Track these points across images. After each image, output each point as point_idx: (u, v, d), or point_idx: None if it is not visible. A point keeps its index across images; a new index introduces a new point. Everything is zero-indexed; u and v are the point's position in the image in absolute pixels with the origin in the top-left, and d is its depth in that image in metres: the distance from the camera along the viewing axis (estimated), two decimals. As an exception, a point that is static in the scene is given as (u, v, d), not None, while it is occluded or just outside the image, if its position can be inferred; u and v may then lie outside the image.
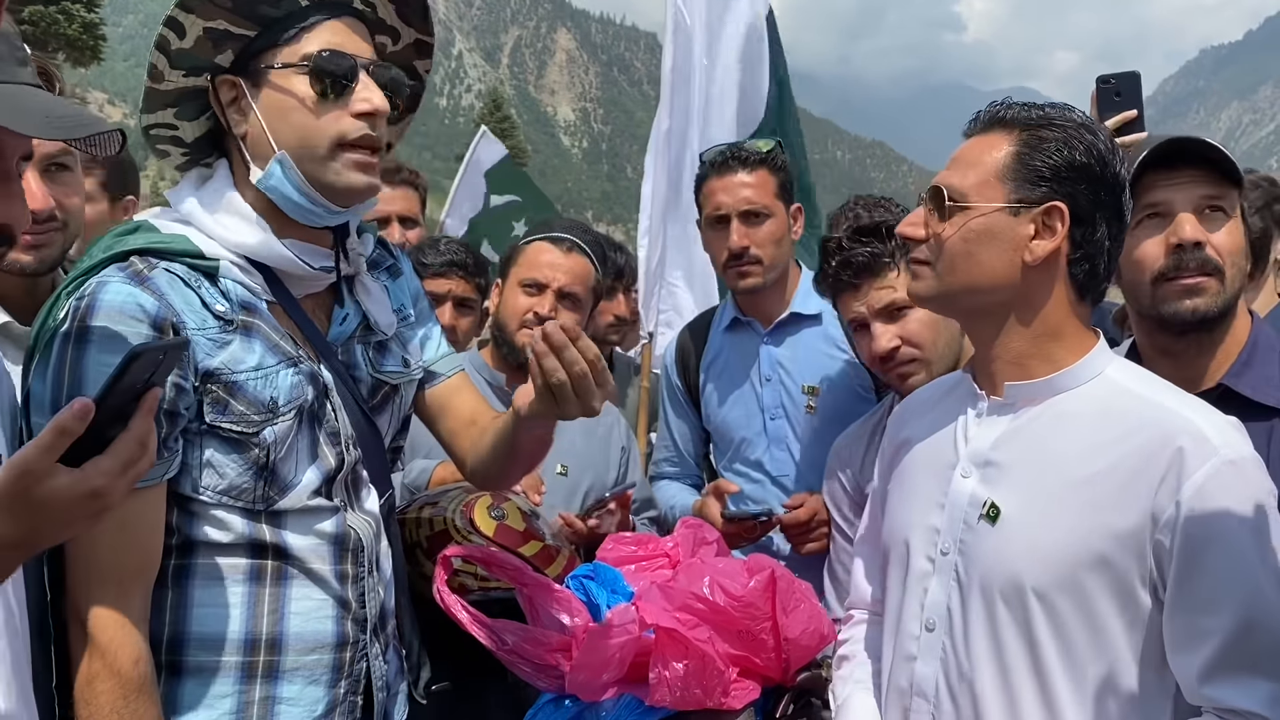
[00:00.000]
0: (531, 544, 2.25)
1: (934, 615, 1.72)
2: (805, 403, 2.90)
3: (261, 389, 1.63)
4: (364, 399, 1.82)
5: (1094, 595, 1.56)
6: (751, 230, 2.83)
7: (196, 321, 1.59)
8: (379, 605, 1.79)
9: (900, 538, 1.83)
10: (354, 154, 1.67)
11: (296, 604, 1.68)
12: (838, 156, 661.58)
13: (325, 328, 1.80)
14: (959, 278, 1.68)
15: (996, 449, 1.70)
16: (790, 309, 2.97)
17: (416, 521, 2.24)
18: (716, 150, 2.97)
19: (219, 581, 1.63)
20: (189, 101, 1.73)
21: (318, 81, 1.64)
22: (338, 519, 1.72)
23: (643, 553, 2.14)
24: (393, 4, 1.79)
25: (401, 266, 2.03)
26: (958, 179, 1.68)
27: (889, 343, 2.40)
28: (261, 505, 1.64)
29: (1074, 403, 1.66)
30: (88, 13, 31.96)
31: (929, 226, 1.71)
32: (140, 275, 1.58)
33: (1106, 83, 2.39)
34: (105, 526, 1.48)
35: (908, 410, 2.01)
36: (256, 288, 1.69)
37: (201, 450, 1.60)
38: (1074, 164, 1.62)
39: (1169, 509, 1.51)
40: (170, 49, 1.65)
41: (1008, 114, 1.70)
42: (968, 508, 1.70)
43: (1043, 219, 1.63)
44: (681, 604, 1.86)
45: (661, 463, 3.29)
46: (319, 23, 1.67)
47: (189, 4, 1.62)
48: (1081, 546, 1.56)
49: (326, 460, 1.71)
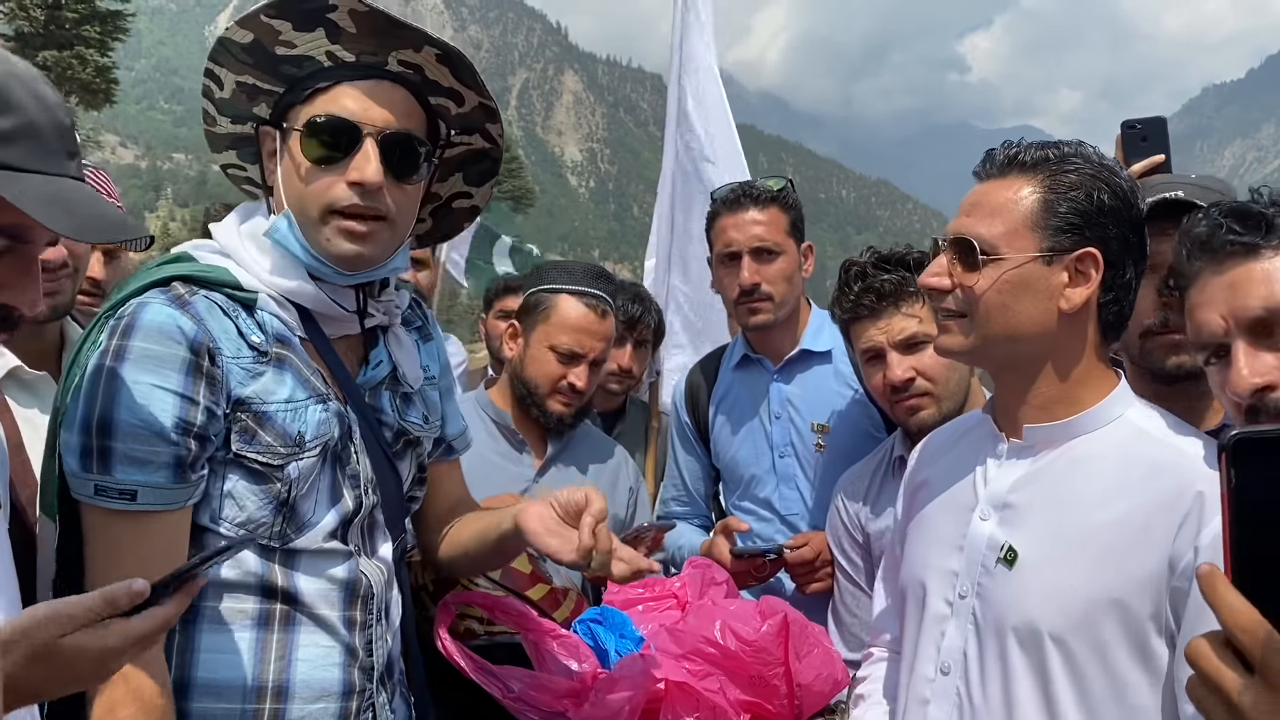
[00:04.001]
0: (539, 586, 2.21)
1: (949, 659, 1.70)
2: (815, 441, 2.88)
3: (290, 422, 1.62)
4: (388, 444, 1.81)
5: (1111, 642, 1.53)
6: (762, 267, 2.83)
7: (232, 349, 1.60)
8: (386, 653, 1.77)
9: (918, 579, 1.80)
10: (343, 222, 1.64)
11: (304, 650, 1.65)
12: (842, 195, 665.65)
13: (356, 372, 1.79)
14: (996, 330, 1.64)
15: (1015, 491, 1.68)
16: (801, 346, 2.96)
17: (423, 564, 2.21)
18: (729, 188, 2.98)
19: (227, 626, 1.61)
20: (245, 146, 1.78)
21: (314, 147, 1.63)
22: (350, 564, 1.70)
23: (650, 595, 2.11)
24: (445, 66, 1.73)
25: (432, 331, 2.04)
26: (984, 228, 1.64)
27: (904, 373, 2.38)
28: (277, 542, 1.63)
29: (1093, 446, 1.64)
30: (101, 57, 32.42)
31: (954, 277, 1.67)
32: (181, 299, 1.59)
33: (1133, 128, 2.37)
34: (127, 549, 1.50)
35: (928, 450, 1.99)
36: (292, 323, 1.69)
37: (224, 480, 1.60)
38: (1103, 207, 1.60)
39: (1187, 555, 1.48)
40: (214, 97, 1.71)
41: (1025, 156, 1.66)
42: (986, 551, 1.68)
43: (1075, 265, 1.61)
44: (692, 648, 1.82)
45: (670, 501, 3.27)
46: (335, 85, 1.65)
47: (219, 58, 1.66)
48: (1099, 592, 1.54)
49: (345, 502, 1.70)
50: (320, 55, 1.66)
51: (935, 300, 1.72)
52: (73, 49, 32.66)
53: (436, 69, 1.72)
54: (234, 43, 1.63)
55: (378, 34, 1.65)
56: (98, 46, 33.33)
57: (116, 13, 34.99)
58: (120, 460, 1.49)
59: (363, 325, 1.78)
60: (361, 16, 1.63)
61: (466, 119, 1.82)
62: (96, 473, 1.49)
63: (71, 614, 1.15)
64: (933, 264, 1.71)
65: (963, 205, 1.71)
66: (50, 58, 32.03)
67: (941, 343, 1.73)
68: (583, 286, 2.70)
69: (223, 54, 1.65)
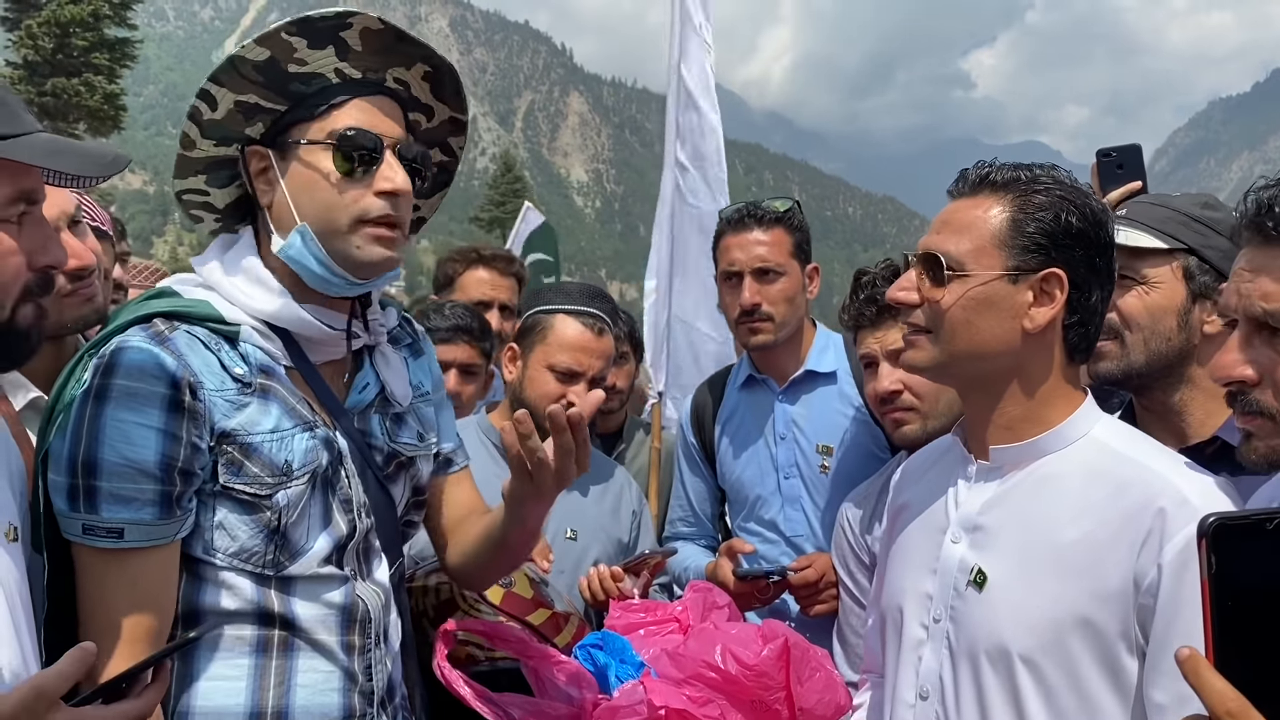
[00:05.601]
0: (540, 612, 2.20)
1: (927, 684, 1.69)
2: (819, 462, 2.86)
3: (276, 452, 1.63)
4: (379, 467, 1.81)
5: (1081, 662, 1.52)
6: (764, 287, 2.83)
7: (215, 383, 1.60)
8: (386, 677, 1.76)
9: (895, 604, 1.80)
10: (374, 229, 1.68)
11: (303, 676, 1.65)
12: (849, 212, 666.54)
13: (344, 396, 1.80)
14: (960, 346, 1.65)
15: (984, 513, 1.68)
16: (805, 367, 2.95)
17: (424, 590, 2.20)
18: (734, 208, 2.99)
19: (225, 653, 1.62)
20: (220, 169, 1.77)
21: (343, 159, 1.66)
22: (347, 589, 1.70)
23: (651, 618, 2.09)
24: (427, 83, 1.81)
25: (424, 348, 2.05)
26: (952, 245, 1.65)
27: (891, 385, 2.40)
28: (271, 570, 1.63)
29: (1060, 465, 1.64)
30: (109, 84, 32.61)
31: (922, 291, 1.68)
32: (161, 336, 1.60)
33: (1108, 155, 2.38)
34: (117, 586, 1.51)
35: (907, 473, 1.99)
36: (276, 353, 1.70)
37: (214, 512, 1.61)
38: (1070, 229, 1.61)
39: (1151, 572, 1.47)
40: (202, 119, 1.69)
41: (996, 176, 1.67)
42: (957, 574, 1.68)
43: (1040, 285, 1.62)
44: (693, 672, 1.81)
45: (677, 522, 3.26)
46: (348, 100, 1.69)
47: (221, 78, 1.65)
48: (1066, 612, 1.53)
49: (338, 527, 1.70)
50: (329, 72, 1.69)
51: (903, 315, 1.73)
52: (81, 76, 32.89)
53: (419, 85, 1.80)
54: (247, 61, 1.64)
55: (383, 51, 1.71)
56: (106, 73, 33.54)
57: (124, 40, 35.23)
58: (106, 499, 1.51)
59: (350, 345, 1.78)
60: (372, 34, 1.68)
61: (432, 133, 1.88)
62: (84, 512, 1.51)
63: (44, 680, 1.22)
64: (901, 279, 1.72)
65: (934, 222, 1.72)
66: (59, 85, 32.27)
67: (907, 358, 1.74)
68: (579, 306, 2.71)
69: (228, 73, 1.65)
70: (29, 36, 32.78)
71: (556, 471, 1.64)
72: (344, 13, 1.64)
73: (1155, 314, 1.94)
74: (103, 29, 34.35)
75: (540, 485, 1.66)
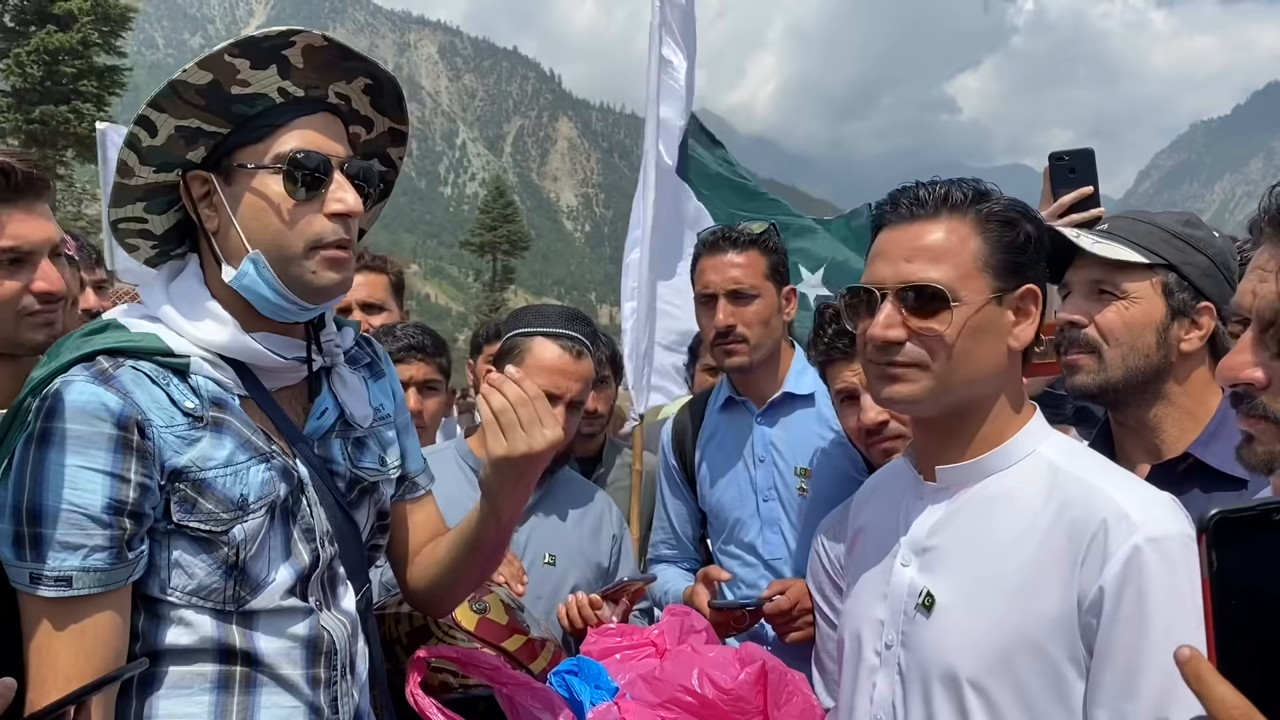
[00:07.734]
0: (515, 638, 2.18)
1: (880, 710, 1.68)
2: (798, 485, 2.86)
3: (231, 486, 1.58)
4: (341, 493, 1.78)
5: (1030, 684, 1.50)
6: (738, 309, 2.84)
7: (164, 419, 1.55)
8: (353, 709, 1.72)
9: (853, 630, 1.78)
10: (329, 252, 1.64)
11: (266, 712, 1.60)
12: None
13: (302, 422, 1.76)
14: (958, 375, 1.62)
15: (933, 535, 1.66)
16: (783, 389, 2.95)
17: (396, 617, 2.18)
18: (710, 230, 3.02)
19: (184, 690, 1.57)
20: (159, 195, 1.71)
21: (291, 183, 1.62)
22: (311, 621, 1.66)
23: (627, 643, 2.07)
24: (367, 96, 1.77)
25: (384, 368, 2.00)
26: (939, 274, 1.60)
27: (878, 416, 2.36)
28: (232, 605, 1.58)
29: (1006, 483, 1.63)
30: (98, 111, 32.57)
31: (910, 326, 1.62)
32: (105, 374, 1.54)
33: (1060, 159, 2.39)
34: (64, 632, 1.45)
35: (862, 496, 1.98)
36: (228, 383, 1.65)
37: (169, 550, 1.56)
38: (1031, 240, 1.62)
39: (1093, 591, 1.46)
40: (141, 146, 1.63)
41: (953, 195, 1.64)
42: (907, 598, 1.66)
43: (1018, 303, 1.62)
44: (669, 697, 1.80)
45: (659, 545, 3.25)
46: (291, 120, 1.65)
47: (161, 103, 1.59)
48: (1013, 634, 1.52)
49: (300, 557, 1.67)
50: (272, 92, 1.64)
51: (881, 354, 1.65)
52: (70, 104, 32.91)
53: (360, 98, 1.77)
54: (189, 85, 1.58)
55: (324, 67, 1.67)
56: (95, 101, 33.59)
57: (114, 67, 35.30)
58: (53, 547, 1.45)
59: (310, 366, 1.75)
60: (314, 51, 1.63)
61: (371, 145, 1.85)
62: (30, 560, 1.46)
63: None
64: (881, 316, 1.63)
65: (890, 251, 1.65)
66: (47, 113, 32.27)
67: (895, 392, 1.65)
68: (558, 329, 2.69)
69: (169, 98, 1.59)
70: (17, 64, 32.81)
71: (525, 430, 1.66)
72: (287, 31, 1.60)
73: (1134, 329, 1.95)
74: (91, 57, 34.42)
75: (512, 454, 1.66)
